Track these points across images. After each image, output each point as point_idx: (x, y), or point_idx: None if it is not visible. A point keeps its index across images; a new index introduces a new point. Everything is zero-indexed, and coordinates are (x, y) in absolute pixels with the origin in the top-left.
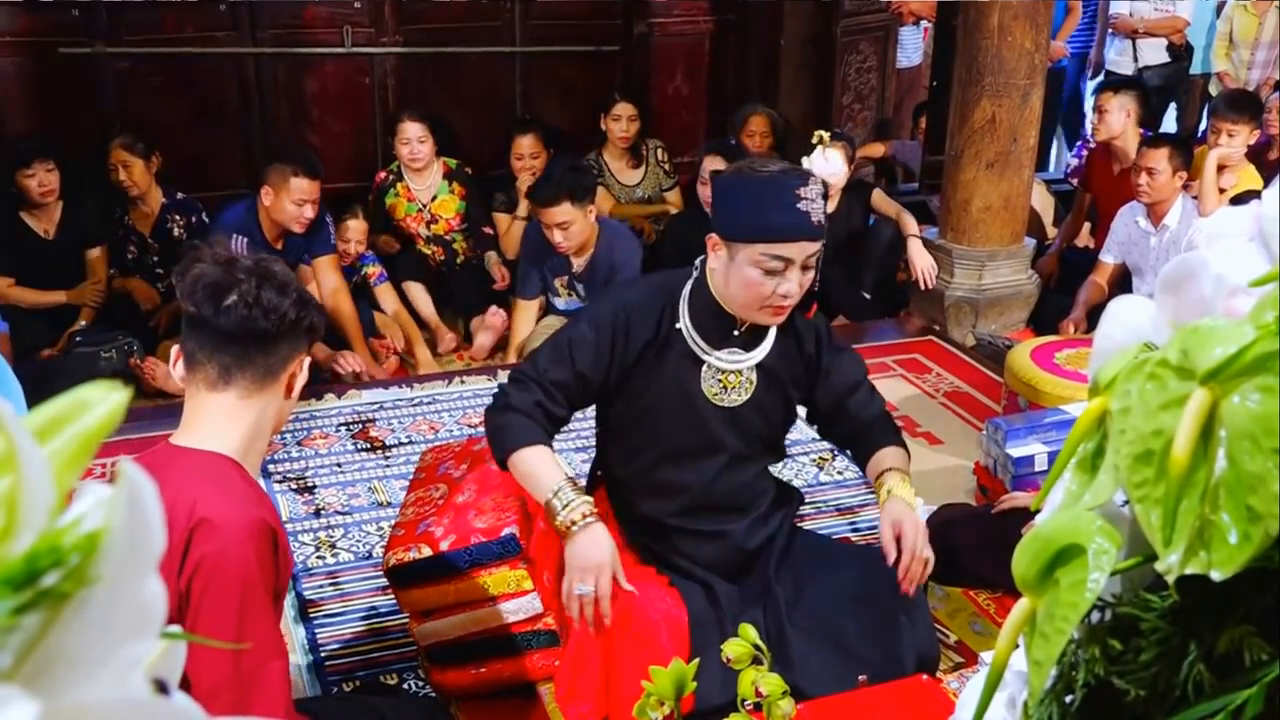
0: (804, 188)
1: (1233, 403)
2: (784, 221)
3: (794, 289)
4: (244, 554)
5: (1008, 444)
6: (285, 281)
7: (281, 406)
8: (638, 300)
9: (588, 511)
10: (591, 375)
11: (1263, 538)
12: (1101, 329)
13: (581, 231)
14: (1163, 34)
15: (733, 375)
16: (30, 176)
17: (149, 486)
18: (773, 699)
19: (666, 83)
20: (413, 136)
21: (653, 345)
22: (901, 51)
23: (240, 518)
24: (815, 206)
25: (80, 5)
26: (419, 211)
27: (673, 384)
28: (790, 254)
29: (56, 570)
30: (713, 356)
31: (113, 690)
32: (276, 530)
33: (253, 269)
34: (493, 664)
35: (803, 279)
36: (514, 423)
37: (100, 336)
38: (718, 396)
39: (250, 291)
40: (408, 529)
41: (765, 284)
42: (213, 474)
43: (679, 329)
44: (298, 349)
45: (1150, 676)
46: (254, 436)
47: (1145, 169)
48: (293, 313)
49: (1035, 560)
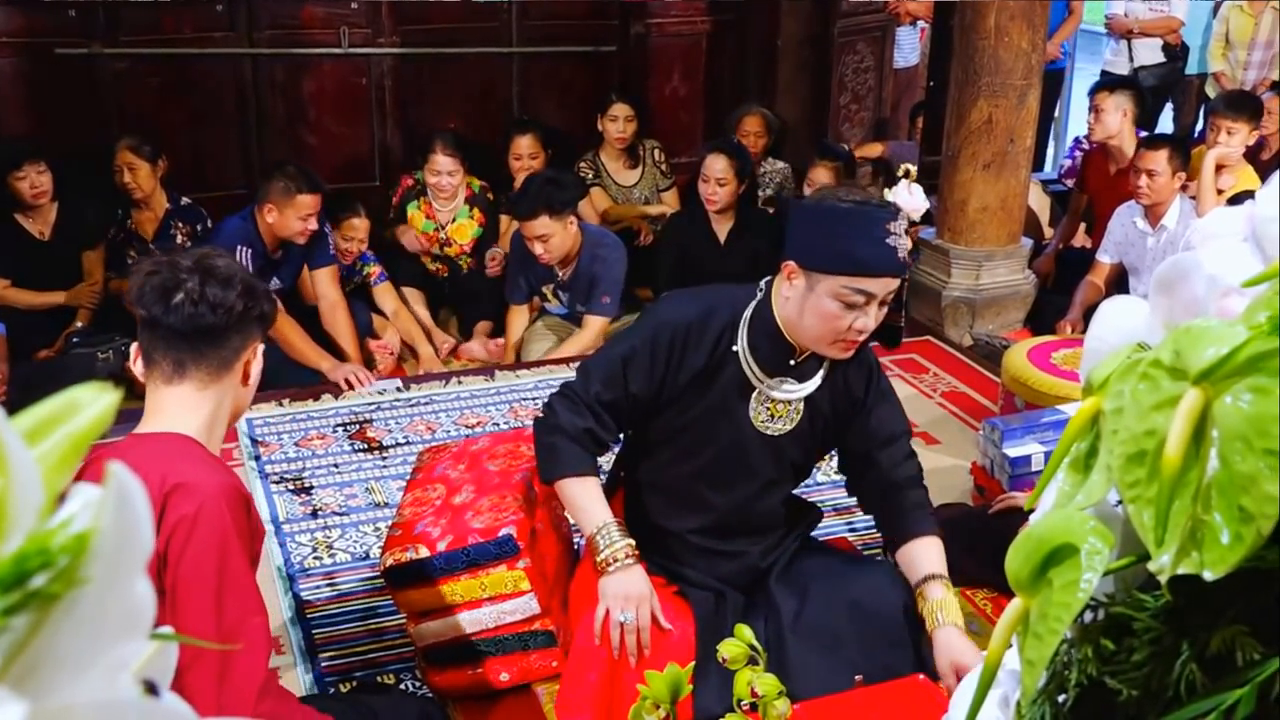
0: (893, 222)
1: (1225, 403)
2: (871, 255)
3: (870, 324)
4: (219, 513)
5: (1005, 444)
6: (229, 275)
7: (240, 394)
8: (697, 318)
9: (630, 552)
10: (643, 395)
11: (1254, 538)
12: (1093, 330)
13: (562, 243)
14: (1157, 34)
15: (782, 405)
16: (21, 178)
17: (137, 488)
18: (768, 699)
19: (663, 83)
20: (443, 169)
21: (705, 366)
22: (899, 52)
23: (213, 481)
24: (902, 242)
25: (77, 6)
26: (435, 231)
27: (720, 405)
28: (874, 289)
29: (45, 572)
30: (765, 384)
31: (101, 691)
32: (247, 496)
33: (195, 266)
34: (489, 665)
35: (879, 314)
36: (564, 448)
37: (97, 338)
38: (764, 425)
39: (195, 289)
40: (405, 529)
41: (844, 318)
42: (177, 449)
43: (735, 351)
44: (249, 338)
45: (1143, 676)
46: (213, 423)
47: (1144, 171)
48: (239, 304)
49: (1028, 560)
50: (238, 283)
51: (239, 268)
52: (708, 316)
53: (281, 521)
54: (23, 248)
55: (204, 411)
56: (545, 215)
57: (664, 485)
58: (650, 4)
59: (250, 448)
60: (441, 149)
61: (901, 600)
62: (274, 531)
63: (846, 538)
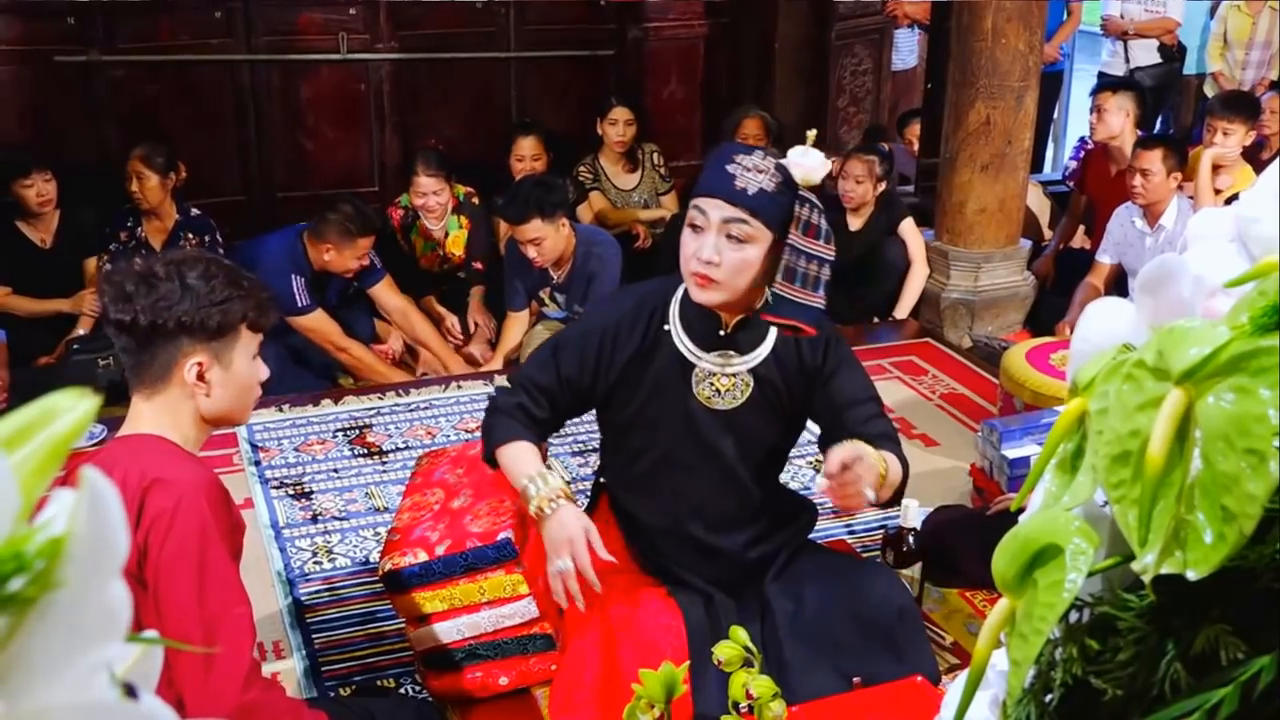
0: (743, 155)
1: (1208, 403)
2: (709, 177)
3: (711, 254)
4: (198, 506)
5: (1003, 445)
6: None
7: (206, 404)
8: (629, 308)
9: (558, 493)
10: (576, 380)
11: (1237, 537)
12: (1079, 332)
13: (555, 246)
14: (1154, 35)
15: (725, 379)
16: (28, 186)
17: (111, 492)
18: (763, 701)
19: (661, 87)
20: (428, 190)
21: (641, 350)
22: (896, 54)
23: (190, 476)
24: (747, 176)
25: (76, 13)
26: (433, 251)
27: (664, 387)
28: (705, 208)
29: (21, 576)
30: (704, 360)
31: (78, 693)
32: (225, 490)
33: (141, 274)
34: (489, 669)
35: (727, 252)
36: (496, 423)
37: (98, 344)
38: (711, 400)
39: (120, 304)
40: (403, 534)
41: (690, 243)
42: (154, 447)
43: (666, 330)
44: (178, 348)
45: (1127, 676)
46: (178, 430)
47: (1139, 170)
48: (145, 319)
49: (1014, 561)
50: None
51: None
52: (640, 305)
53: (281, 526)
54: (24, 255)
55: (163, 420)
56: (537, 219)
57: (636, 480)
58: (647, 7)
59: (250, 453)
60: (424, 170)
61: (899, 602)
62: (274, 536)
63: (845, 540)
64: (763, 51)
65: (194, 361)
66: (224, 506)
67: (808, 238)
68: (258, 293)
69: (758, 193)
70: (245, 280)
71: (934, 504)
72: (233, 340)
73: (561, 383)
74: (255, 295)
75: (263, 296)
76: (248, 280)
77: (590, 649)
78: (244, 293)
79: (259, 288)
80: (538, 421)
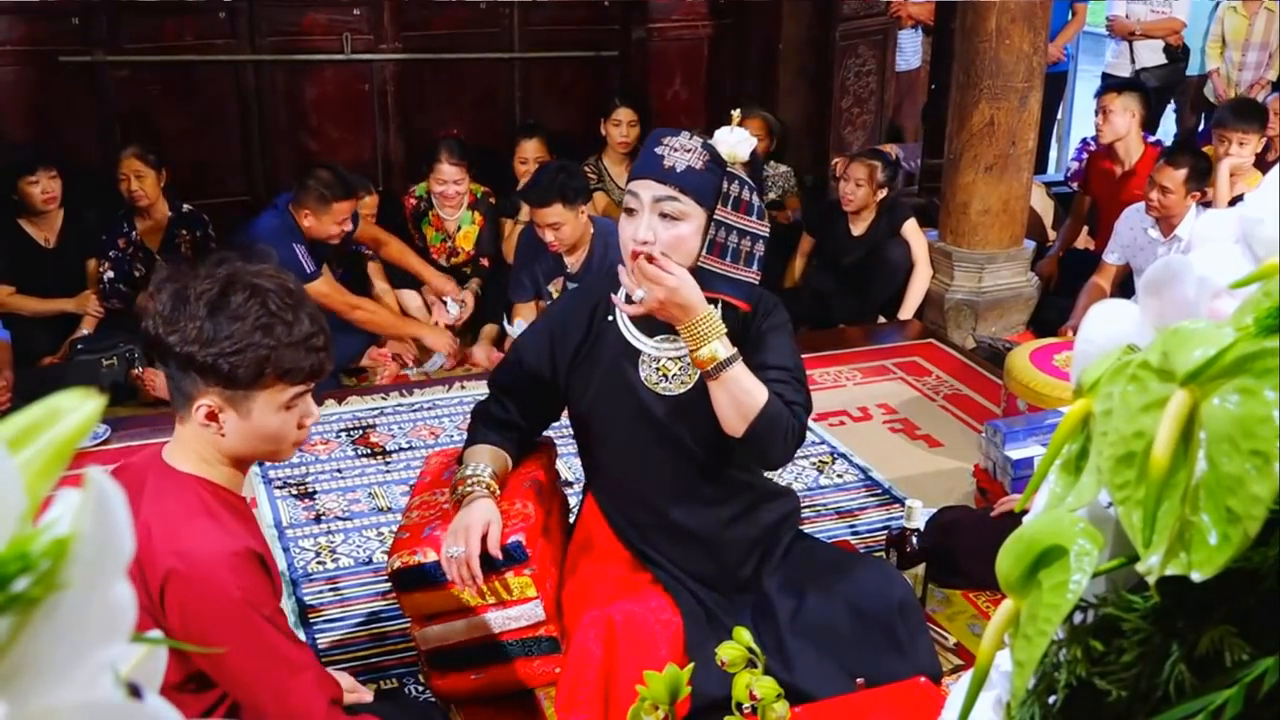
0: (671, 137)
1: (1212, 404)
2: (641, 161)
3: (646, 234)
4: (220, 591)
5: (1007, 446)
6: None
7: (218, 442)
8: (575, 300)
9: (475, 484)
10: (537, 373)
11: (1242, 539)
12: (1082, 333)
13: (573, 232)
14: (1159, 35)
15: (670, 363)
16: (34, 184)
17: (116, 493)
18: (767, 702)
19: (665, 87)
20: (449, 179)
21: (586, 342)
22: (900, 55)
23: (210, 548)
24: (675, 155)
25: (80, 14)
26: (443, 242)
27: (612, 377)
28: (637, 189)
29: (26, 576)
30: (648, 345)
31: (83, 693)
32: (262, 553)
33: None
34: (494, 670)
35: (662, 232)
36: (471, 428)
37: (102, 344)
38: (658, 385)
39: (151, 318)
40: (413, 532)
41: (626, 227)
42: (181, 498)
43: (610, 320)
44: (195, 385)
45: (1132, 677)
46: (208, 465)
47: (1159, 185)
48: (167, 343)
49: (1018, 562)
50: (197, 323)
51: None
52: (584, 298)
53: (285, 527)
54: (28, 254)
55: (190, 452)
56: (559, 204)
57: (604, 472)
58: (651, 8)
59: None
60: (447, 158)
61: (898, 598)
62: (277, 536)
63: (849, 540)
64: (766, 52)
65: (203, 404)
66: (257, 572)
67: (738, 214)
68: (303, 342)
69: (685, 170)
70: (294, 324)
71: (937, 504)
72: (253, 390)
73: (526, 378)
74: (297, 344)
75: (308, 345)
76: (300, 325)
77: (593, 648)
78: (275, 342)
79: (306, 337)
80: (504, 424)
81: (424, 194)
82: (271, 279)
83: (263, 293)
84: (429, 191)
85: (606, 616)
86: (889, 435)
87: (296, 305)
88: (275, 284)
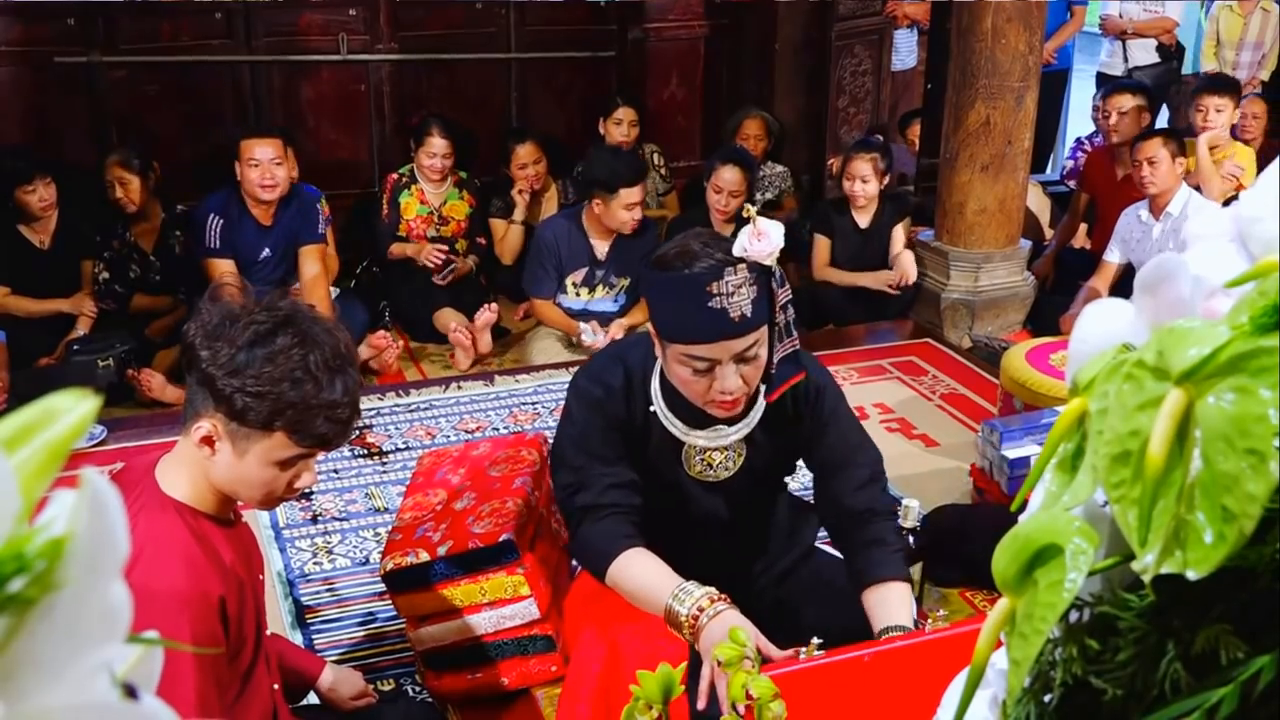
0: (716, 283)
1: (1208, 403)
2: (698, 322)
3: (734, 384)
4: (175, 629)
5: (1003, 445)
6: (224, 328)
7: (206, 467)
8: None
9: (713, 599)
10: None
11: (1237, 537)
12: (1078, 332)
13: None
14: (1152, 34)
15: (716, 453)
16: (30, 192)
17: (112, 493)
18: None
19: (662, 88)
20: (438, 151)
21: (631, 425)
22: (896, 55)
23: (169, 587)
24: (734, 301)
25: (76, 15)
26: (429, 214)
27: (657, 467)
28: (712, 354)
29: (21, 576)
30: (693, 436)
31: (79, 694)
32: (224, 595)
33: (227, 313)
34: (489, 669)
35: (744, 371)
36: (592, 534)
37: (98, 345)
38: (703, 474)
39: (194, 323)
40: (405, 533)
41: (699, 382)
42: (158, 534)
43: (653, 412)
44: (205, 403)
45: (1128, 676)
46: (195, 489)
47: (1145, 160)
48: (206, 365)
49: (1014, 560)
50: (225, 344)
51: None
52: (609, 375)
53: (282, 527)
54: (23, 256)
55: (182, 473)
56: (643, 181)
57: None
58: (648, 9)
59: None
60: (438, 131)
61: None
62: (274, 537)
63: None
64: (763, 52)
65: (205, 425)
66: (201, 621)
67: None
68: (326, 408)
69: (751, 308)
70: (325, 388)
71: (934, 504)
72: (258, 435)
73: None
74: (319, 409)
75: (330, 415)
76: (331, 391)
77: (595, 648)
78: (299, 399)
79: (332, 405)
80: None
81: (409, 171)
82: (328, 334)
83: (311, 345)
84: (414, 169)
85: (610, 637)
86: (886, 435)
87: (338, 370)
88: (329, 341)
